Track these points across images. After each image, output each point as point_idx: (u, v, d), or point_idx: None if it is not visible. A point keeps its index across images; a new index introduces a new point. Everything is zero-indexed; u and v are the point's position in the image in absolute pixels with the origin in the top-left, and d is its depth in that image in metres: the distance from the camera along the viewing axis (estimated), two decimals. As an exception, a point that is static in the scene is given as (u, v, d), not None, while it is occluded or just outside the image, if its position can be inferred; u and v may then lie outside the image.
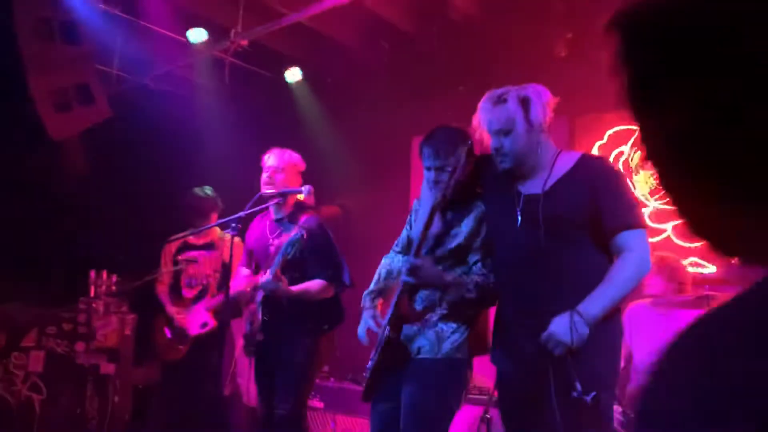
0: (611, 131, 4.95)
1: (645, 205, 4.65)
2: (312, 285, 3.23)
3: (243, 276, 3.54)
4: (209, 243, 4.45)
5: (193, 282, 4.38)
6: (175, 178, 5.42)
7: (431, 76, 5.64)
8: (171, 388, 4.27)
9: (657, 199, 4.65)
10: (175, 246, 4.43)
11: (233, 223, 3.22)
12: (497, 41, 5.07)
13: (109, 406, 4.89)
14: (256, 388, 3.39)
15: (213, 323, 4.25)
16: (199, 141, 5.87)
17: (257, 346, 3.28)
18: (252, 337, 3.27)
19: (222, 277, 4.28)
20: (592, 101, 5.03)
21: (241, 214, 3.24)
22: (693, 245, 4.49)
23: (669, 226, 4.58)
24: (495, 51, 5.09)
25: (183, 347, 4.25)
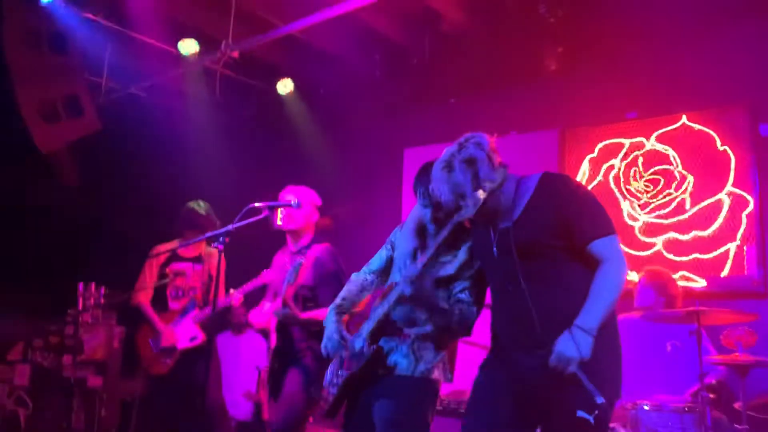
0: (601, 144, 4.95)
1: (636, 219, 4.65)
2: (322, 312, 3.29)
3: (264, 311, 3.69)
4: (197, 257, 4.44)
5: (180, 294, 4.36)
6: (166, 190, 5.39)
7: (423, 88, 5.65)
8: (157, 401, 4.22)
9: (647, 213, 4.64)
10: (164, 258, 4.40)
11: (221, 237, 3.19)
12: (488, 54, 5.08)
13: (96, 419, 4.83)
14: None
15: (202, 337, 4.23)
16: (190, 152, 5.83)
17: (270, 371, 3.56)
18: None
19: (208, 291, 4.30)
20: (582, 114, 5.06)
21: (230, 227, 3.19)
22: (683, 259, 4.49)
23: (659, 240, 4.57)
24: (486, 64, 5.11)
25: (169, 361, 4.21)
